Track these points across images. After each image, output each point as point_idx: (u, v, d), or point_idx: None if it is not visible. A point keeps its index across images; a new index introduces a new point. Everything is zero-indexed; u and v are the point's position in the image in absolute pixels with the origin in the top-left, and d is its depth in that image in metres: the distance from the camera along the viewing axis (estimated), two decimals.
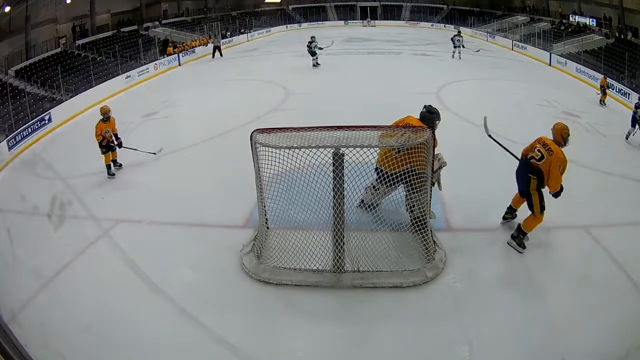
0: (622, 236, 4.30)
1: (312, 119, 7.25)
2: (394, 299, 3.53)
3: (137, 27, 18.86)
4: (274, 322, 3.43)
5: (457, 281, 3.74)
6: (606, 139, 7.49)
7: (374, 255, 3.72)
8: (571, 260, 4.01)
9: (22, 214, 5.26)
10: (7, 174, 7.43)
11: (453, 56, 15.11)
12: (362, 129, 3.55)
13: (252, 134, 3.73)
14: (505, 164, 4.46)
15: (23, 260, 4.16)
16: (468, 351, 3.18)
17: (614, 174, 5.71)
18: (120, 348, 3.13)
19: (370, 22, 27.69)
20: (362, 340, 3.20)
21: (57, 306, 3.58)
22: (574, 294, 3.59)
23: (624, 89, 10.54)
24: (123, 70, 13.65)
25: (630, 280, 3.68)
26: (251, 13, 26.48)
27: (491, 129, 4.68)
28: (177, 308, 3.47)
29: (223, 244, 4.25)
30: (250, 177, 4.01)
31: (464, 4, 26.85)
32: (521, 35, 19.68)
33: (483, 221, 4.59)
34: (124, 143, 6.35)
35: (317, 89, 10.58)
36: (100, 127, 6.08)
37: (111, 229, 4.70)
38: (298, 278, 3.69)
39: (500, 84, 11.86)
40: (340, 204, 3.52)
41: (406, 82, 11.29)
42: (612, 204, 4.93)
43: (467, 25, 24.49)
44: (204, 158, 6.65)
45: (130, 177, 6.16)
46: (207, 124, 8.08)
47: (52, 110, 9.91)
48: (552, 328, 3.21)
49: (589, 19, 18.05)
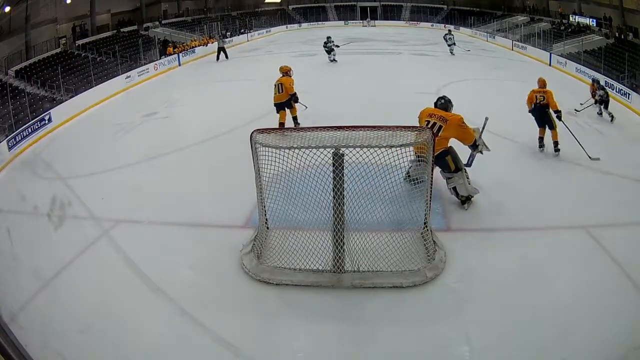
0: (622, 236, 4.29)
1: (312, 119, 7.29)
2: (394, 299, 3.53)
3: (137, 27, 18.84)
4: (274, 322, 3.43)
5: (457, 281, 3.74)
6: (606, 139, 7.49)
7: (374, 255, 3.72)
8: (571, 260, 4.00)
9: (22, 214, 5.26)
10: (7, 174, 7.42)
11: (452, 53, 16.11)
12: (362, 129, 3.55)
13: (252, 134, 3.73)
14: (505, 164, 4.46)
15: (23, 260, 4.16)
16: (468, 351, 3.19)
17: (614, 174, 5.70)
18: (120, 348, 3.13)
19: (370, 22, 27.62)
20: (362, 340, 3.20)
21: (57, 306, 3.58)
22: (574, 294, 3.59)
23: (624, 89, 10.53)
24: (123, 71, 13.64)
25: (630, 280, 3.67)
26: (251, 13, 26.46)
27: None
28: (177, 308, 3.47)
29: (223, 244, 4.25)
30: (250, 177, 4.01)
31: (464, 4, 26.84)
32: (521, 35, 19.67)
33: (483, 221, 4.59)
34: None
35: (317, 89, 10.55)
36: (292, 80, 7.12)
37: (111, 229, 4.70)
38: (298, 278, 3.69)
39: (500, 84, 11.86)
40: (340, 204, 3.52)
41: (406, 82, 11.28)
42: (612, 204, 4.93)
43: (467, 25, 24.49)
44: (204, 158, 6.65)
45: (130, 177, 6.16)
46: (207, 124, 8.08)
47: (52, 110, 9.89)
48: (552, 328, 3.21)
49: (589, 19, 18.04)
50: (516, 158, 6.28)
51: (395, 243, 3.79)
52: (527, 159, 6.21)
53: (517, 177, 5.60)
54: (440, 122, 4.58)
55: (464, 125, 4.63)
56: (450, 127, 4.56)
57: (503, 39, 20.14)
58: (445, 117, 4.63)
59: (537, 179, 5.59)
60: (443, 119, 4.59)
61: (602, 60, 13.54)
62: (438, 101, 4.86)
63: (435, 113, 4.70)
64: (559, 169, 5.90)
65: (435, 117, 4.64)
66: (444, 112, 4.72)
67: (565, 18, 19.56)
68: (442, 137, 4.53)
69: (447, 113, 4.72)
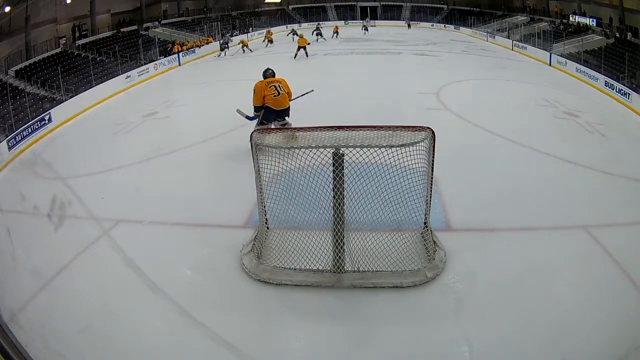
0: (622, 236, 4.29)
1: (312, 119, 7.28)
2: (394, 299, 3.52)
3: (137, 27, 18.86)
4: (274, 322, 3.43)
5: (457, 281, 3.74)
6: (606, 139, 7.49)
7: (374, 255, 3.72)
8: (571, 260, 4.00)
9: (22, 214, 5.26)
10: (7, 174, 7.43)
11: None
12: (362, 129, 3.55)
13: (252, 134, 3.73)
14: (505, 164, 4.46)
15: (23, 260, 4.16)
16: (468, 351, 3.18)
17: (614, 174, 5.70)
18: (120, 348, 3.13)
19: (370, 22, 27.54)
20: (362, 340, 3.20)
21: (57, 306, 3.58)
22: (574, 294, 3.59)
23: (624, 89, 10.54)
24: (123, 70, 13.65)
25: (630, 280, 3.67)
26: (251, 13, 26.48)
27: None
28: (177, 308, 3.47)
29: (223, 244, 4.24)
30: (250, 177, 4.01)
31: (464, 4, 26.85)
32: (521, 35, 19.68)
33: (483, 221, 4.59)
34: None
35: (317, 89, 10.55)
36: None
37: (111, 229, 4.69)
38: (298, 278, 3.68)
39: (500, 84, 11.87)
40: (340, 204, 3.52)
41: (406, 82, 11.29)
42: (612, 204, 4.93)
43: (467, 25, 24.51)
44: (204, 158, 6.65)
45: (130, 177, 6.16)
46: (207, 124, 8.08)
47: (52, 110, 9.90)
48: (552, 328, 3.20)
49: (589, 19, 18.05)
50: (516, 158, 6.27)
51: (395, 243, 3.79)
52: (527, 159, 6.20)
53: (517, 177, 5.60)
54: (278, 83, 5.96)
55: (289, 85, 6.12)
56: (285, 86, 6.04)
57: (503, 39, 20.15)
58: (279, 80, 6.03)
59: (537, 179, 5.58)
60: (279, 82, 6.00)
61: (602, 60, 13.55)
62: (267, 71, 6.10)
63: (271, 80, 5.98)
64: (559, 169, 5.89)
65: (274, 82, 5.96)
66: (275, 77, 6.06)
67: (565, 18, 19.57)
68: (287, 93, 6.02)
69: (277, 78, 6.08)
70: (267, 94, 5.88)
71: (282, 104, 5.95)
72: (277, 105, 5.92)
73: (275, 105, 5.91)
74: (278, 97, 5.90)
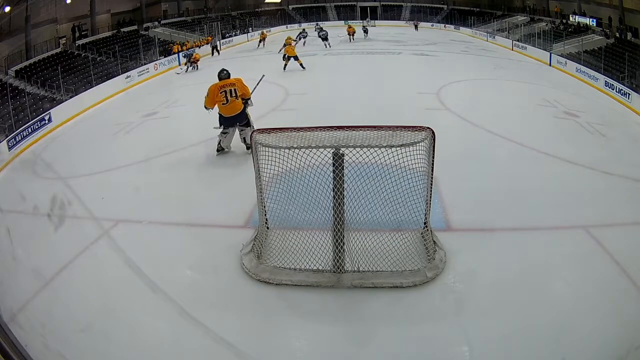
0: (622, 236, 4.29)
1: (312, 119, 7.29)
2: (394, 299, 3.52)
3: (137, 27, 18.87)
4: (274, 322, 3.42)
5: (457, 281, 3.74)
6: (606, 139, 7.49)
7: (374, 255, 3.72)
8: (571, 260, 4.00)
9: (22, 214, 5.26)
10: (7, 174, 7.43)
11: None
12: (362, 129, 3.55)
13: (252, 134, 3.73)
14: (505, 164, 4.46)
15: (23, 260, 4.16)
16: (468, 351, 3.18)
17: (614, 174, 5.70)
18: (120, 348, 3.12)
19: (370, 23, 27.51)
20: (362, 340, 3.20)
21: (57, 306, 3.58)
22: (574, 294, 3.59)
23: (624, 89, 10.54)
24: (123, 70, 13.67)
25: (630, 280, 3.67)
26: (251, 13, 26.49)
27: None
28: (177, 308, 3.47)
29: (223, 244, 4.24)
30: (250, 177, 4.01)
31: (464, 4, 26.86)
32: (521, 35, 19.70)
33: (483, 221, 4.58)
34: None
35: (317, 89, 10.58)
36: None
37: (111, 229, 4.69)
38: (298, 278, 3.68)
39: (501, 84, 11.87)
40: (340, 204, 3.52)
41: (406, 82, 11.29)
42: (612, 204, 4.93)
43: (467, 25, 24.50)
44: (204, 158, 6.64)
45: (129, 177, 6.16)
46: (206, 124, 8.06)
47: (52, 110, 9.92)
48: (552, 328, 3.20)
49: (589, 19, 18.05)
50: (516, 158, 6.27)
51: (395, 243, 3.79)
52: (527, 159, 6.20)
53: (517, 177, 5.59)
54: (232, 87, 5.85)
55: (245, 84, 6.02)
56: (241, 87, 5.91)
57: (503, 39, 20.16)
58: (233, 82, 5.90)
59: (537, 179, 5.58)
60: (233, 84, 5.87)
61: (602, 60, 13.56)
62: (222, 73, 5.97)
63: (224, 84, 5.85)
64: (559, 169, 5.89)
65: (227, 85, 5.85)
66: (230, 79, 5.90)
67: (565, 18, 19.58)
68: (240, 96, 5.88)
69: (232, 79, 5.92)
70: (217, 100, 5.94)
71: (231, 110, 5.97)
72: (226, 113, 6.00)
73: (224, 112, 6.01)
74: (226, 105, 5.91)
